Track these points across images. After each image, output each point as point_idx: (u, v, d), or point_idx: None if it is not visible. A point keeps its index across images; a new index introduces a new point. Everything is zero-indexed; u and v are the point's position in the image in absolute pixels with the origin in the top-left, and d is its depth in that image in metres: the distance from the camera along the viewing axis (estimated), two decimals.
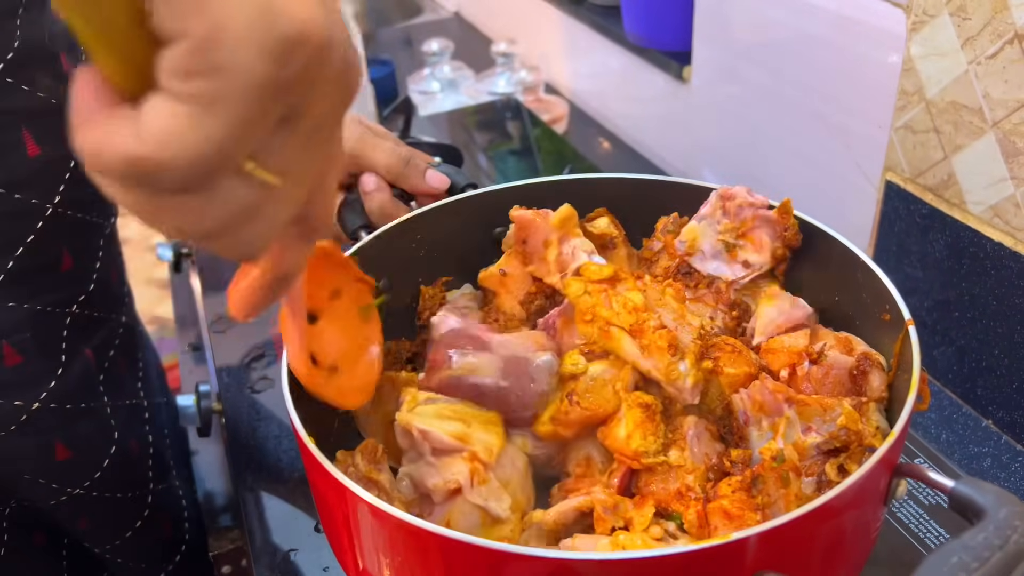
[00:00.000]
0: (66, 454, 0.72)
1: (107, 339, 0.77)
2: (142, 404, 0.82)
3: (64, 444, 0.72)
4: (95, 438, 0.75)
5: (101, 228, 0.74)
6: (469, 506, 0.51)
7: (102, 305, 0.75)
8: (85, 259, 0.73)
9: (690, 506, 0.50)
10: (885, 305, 0.56)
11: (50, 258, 0.69)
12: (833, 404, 0.51)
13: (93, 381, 0.74)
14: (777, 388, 0.53)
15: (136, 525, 0.81)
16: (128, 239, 3.10)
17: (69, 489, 0.74)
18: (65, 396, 0.71)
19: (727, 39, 1.03)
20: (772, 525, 0.42)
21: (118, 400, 0.77)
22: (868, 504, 0.48)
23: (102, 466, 0.75)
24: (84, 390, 0.73)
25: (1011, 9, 0.63)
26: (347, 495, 0.46)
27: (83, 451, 0.74)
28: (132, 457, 0.79)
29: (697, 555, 0.41)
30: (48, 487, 0.73)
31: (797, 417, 0.52)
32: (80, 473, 0.74)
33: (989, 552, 0.37)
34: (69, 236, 0.70)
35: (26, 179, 0.65)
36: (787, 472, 0.49)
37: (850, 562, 0.50)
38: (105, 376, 0.76)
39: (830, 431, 0.50)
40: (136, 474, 0.80)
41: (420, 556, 0.46)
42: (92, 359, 0.74)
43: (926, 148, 0.74)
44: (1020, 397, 0.71)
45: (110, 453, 0.76)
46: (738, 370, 0.55)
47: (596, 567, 0.42)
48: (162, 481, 0.84)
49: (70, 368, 0.71)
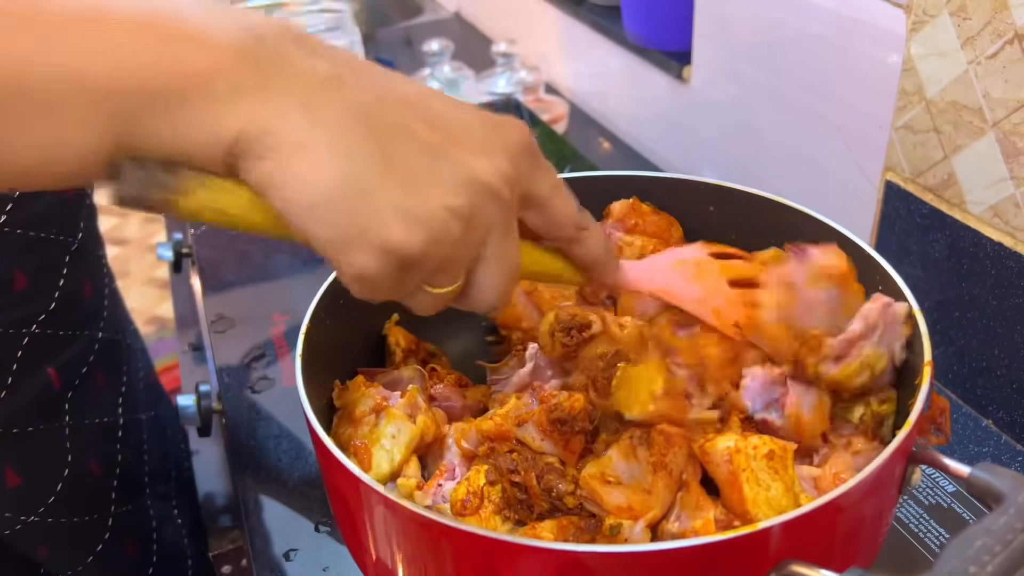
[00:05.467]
0: (16, 480, 0.70)
1: (80, 355, 0.74)
2: (116, 422, 0.79)
3: (14, 470, 0.69)
4: (49, 462, 0.72)
5: (65, 245, 0.72)
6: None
7: (68, 322, 0.73)
8: (44, 277, 0.70)
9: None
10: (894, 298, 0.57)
11: (1, 278, 0.66)
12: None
13: (54, 401, 0.72)
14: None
15: (97, 549, 0.77)
16: (128, 239, 3.10)
17: (23, 517, 0.71)
18: (16, 419, 0.68)
19: (727, 39, 1.03)
20: (794, 515, 0.42)
21: (85, 419, 0.74)
22: (884, 492, 0.49)
23: (56, 490, 0.72)
24: (38, 412, 0.71)
25: (1011, 9, 0.63)
26: (361, 487, 0.47)
27: (35, 476, 0.71)
28: (91, 479, 0.76)
29: (720, 546, 0.41)
30: (1, 516, 0.70)
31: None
32: (32, 499, 0.72)
33: (1012, 535, 0.38)
34: (21, 255, 0.68)
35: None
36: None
37: (867, 548, 0.51)
38: (75, 394, 0.73)
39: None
40: (96, 496, 0.77)
41: (432, 548, 0.46)
42: (56, 378, 0.72)
43: (926, 148, 0.74)
44: (1020, 397, 0.71)
45: (64, 476, 0.73)
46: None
47: (613, 560, 0.42)
48: (128, 502, 0.80)
49: (19, 389, 0.68)
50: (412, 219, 0.36)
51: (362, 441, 0.55)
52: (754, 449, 0.49)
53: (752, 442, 0.49)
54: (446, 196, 0.37)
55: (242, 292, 0.99)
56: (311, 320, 0.58)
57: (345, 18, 1.16)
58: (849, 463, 0.52)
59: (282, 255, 1.03)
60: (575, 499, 0.50)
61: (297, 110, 0.35)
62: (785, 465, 0.49)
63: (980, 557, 0.37)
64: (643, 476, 0.49)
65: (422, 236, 0.36)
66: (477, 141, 0.39)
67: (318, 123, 0.35)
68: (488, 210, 0.39)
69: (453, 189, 0.37)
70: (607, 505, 0.48)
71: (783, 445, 0.49)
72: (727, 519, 0.47)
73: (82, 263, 0.74)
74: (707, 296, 0.52)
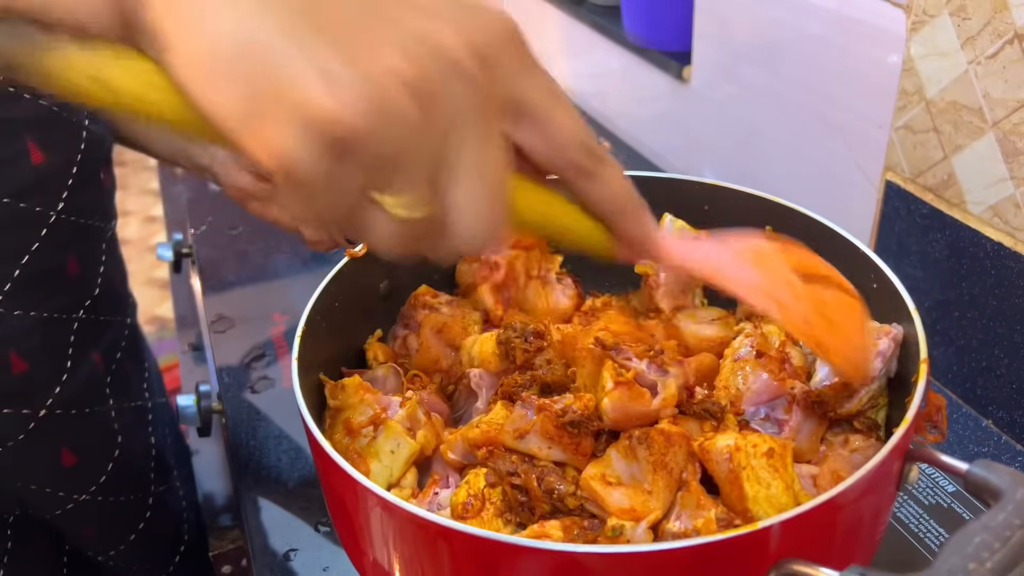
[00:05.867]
0: (72, 460, 0.73)
1: (114, 341, 0.77)
2: (146, 405, 0.82)
3: (70, 450, 0.72)
4: (100, 442, 0.75)
5: (103, 232, 0.74)
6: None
7: (108, 308, 0.76)
8: (90, 264, 0.73)
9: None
10: (890, 297, 0.57)
11: (56, 265, 0.69)
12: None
13: (100, 384, 0.75)
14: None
15: (140, 527, 0.81)
16: (128, 239, 3.11)
17: (76, 496, 0.74)
18: (71, 402, 0.71)
19: (727, 39, 1.03)
20: (793, 514, 0.42)
21: (123, 402, 0.77)
22: (883, 489, 0.49)
23: (107, 470, 0.76)
24: (90, 394, 0.74)
25: (1011, 9, 0.63)
26: (358, 489, 0.47)
27: (89, 456, 0.74)
28: (135, 459, 0.79)
29: (719, 545, 0.42)
30: (55, 495, 0.73)
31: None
32: (86, 478, 0.74)
33: (1010, 531, 0.38)
34: (73, 242, 0.70)
35: (30, 187, 0.65)
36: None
37: (866, 546, 0.52)
38: (112, 378, 0.76)
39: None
40: (139, 476, 0.80)
41: (429, 549, 0.46)
42: (100, 362, 0.75)
43: (926, 148, 0.74)
44: (1020, 397, 0.71)
45: (114, 456, 0.76)
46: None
47: (612, 560, 0.42)
48: (163, 482, 0.84)
49: (76, 373, 0.72)
50: (344, 82, 0.27)
51: (359, 454, 0.55)
52: (754, 447, 0.49)
53: (752, 440, 0.49)
54: (393, 57, 0.28)
55: (242, 292, 0.99)
56: (306, 323, 0.58)
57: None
58: (847, 461, 0.52)
59: (282, 255, 1.03)
60: (576, 500, 0.50)
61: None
62: (784, 463, 0.49)
63: (979, 554, 0.37)
64: (643, 476, 0.49)
65: (358, 105, 0.27)
66: (449, 14, 0.30)
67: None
68: (453, 89, 0.29)
69: (403, 52, 0.28)
70: (609, 507, 0.48)
71: (782, 443, 0.49)
72: (728, 518, 0.47)
73: (114, 252, 0.77)
74: (770, 285, 0.46)
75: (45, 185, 0.66)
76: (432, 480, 0.55)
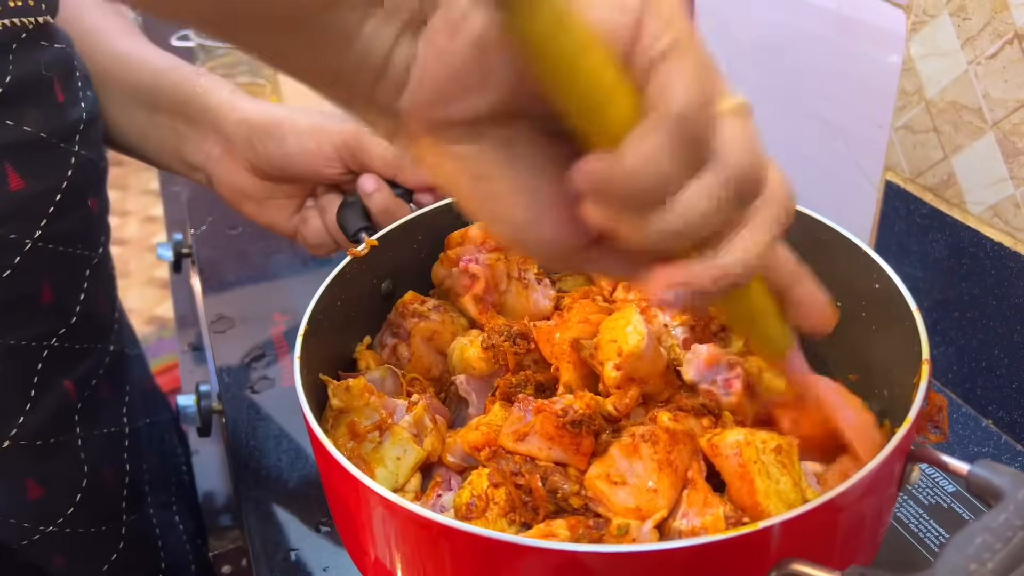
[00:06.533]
0: (39, 492, 0.69)
1: (91, 369, 0.74)
2: (123, 431, 0.79)
3: (36, 482, 0.69)
4: (68, 473, 0.72)
5: (87, 259, 0.71)
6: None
7: (87, 335, 0.73)
8: (68, 292, 0.70)
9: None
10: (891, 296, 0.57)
11: (28, 292, 0.66)
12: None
13: (69, 413, 0.71)
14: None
15: (112, 558, 0.77)
16: (128, 239, 3.11)
17: (42, 528, 0.71)
18: (37, 432, 0.68)
19: (727, 39, 1.03)
20: (795, 514, 0.42)
21: (95, 429, 0.74)
22: (884, 490, 0.49)
23: (75, 501, 0.72)
24: (58, 424, 0.70)
25: (1011, 9, 0.63)
26: (361, 489, 0.47)
27: (56, 487, 0.71)
28: (106, 488, 0.76)
29: (721, 545, 0.41)
30: (20, 526, 0.70)
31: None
32: (53, 510, 0.71)
33: (1012, 532, 0.38)
34: (50, 270, 0.67)
35: (8, 213, 0.62)
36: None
37: (867, 547, 0.52)
38: (84, 405, 0.73)
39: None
40: (109, 505, 0.77)
41: (431, 549, 0.46)
42: (72, 391, 0.71)
43: (926, 148, 0.74)
44: (1020, 397, 0.71)
45: (82, 487, 0.73)
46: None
47: (614, 560, 0.42)
48: (135, 511, 0.80)
49: (41, 403, 0.68)
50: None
51: (364, 459, 0.55)
52: (763, 443, 0.49)
53: (761, 436, 0.49)
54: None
55: (242, 292, 0.99)
56: (309, 323, 0.58)
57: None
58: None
59: (282, 255, 1.03)
60: (580, 499, 0.50)
61: None
62: (792, 460, 0.49)
63: (980, 554, 0.37)
64: (648, 474, 0.49)
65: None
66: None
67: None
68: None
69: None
70: (614, 507, 0.48)
71: (789, 440, 0.49)
72: (736, 515, 0.47)
73: (100, 278, 0.74)
74: (858, 423, 0.50)
75: (22, 212, 0.63)
76: (435, 483, 0.55)
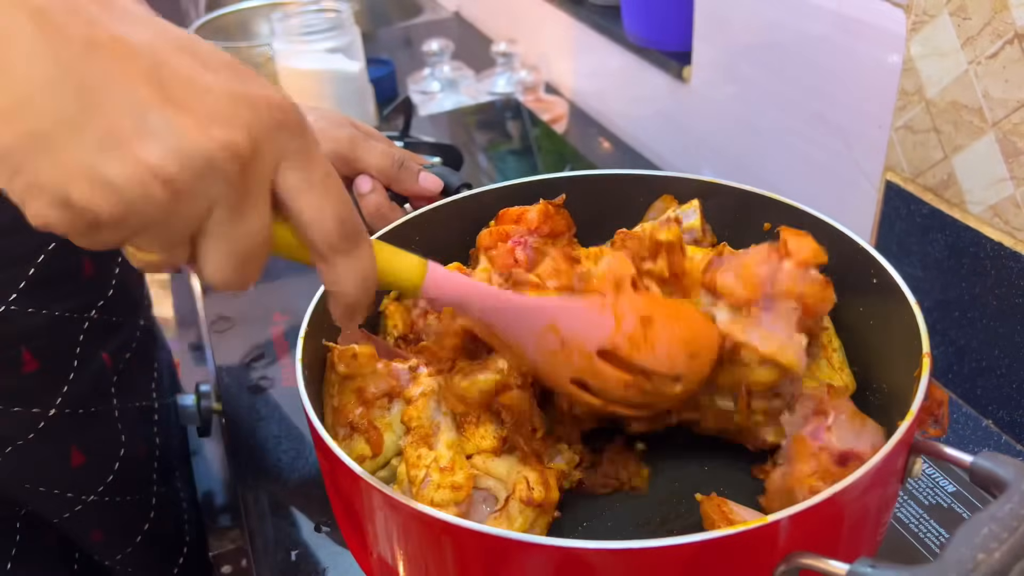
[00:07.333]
0: (81, 459, 0.73)
1: (125, 342, 0.78)
2: (152, 406, 0.82)
3: (80, 449, 0.73)
4: (106, 442, 0.76)
5: None
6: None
7: (121, 309, 0.76)
8: (105, 265, 0.74)
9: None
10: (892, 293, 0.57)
11: (71, 265, 0.70)
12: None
13: (107, 384, 0.75)
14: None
15: (144, 528, 0.81)
16: None
17: (84, 497, 0.75)
18: (80, 400, 0.72)
19: (727, 39, 1.03)
20: (801, 508, 0.43)
21: (129, 402, 0.78)
22: (888, 482, 0.49)
23: (113, 469, 0.76)
24: (97, 394, 0.74)
25: (1011, 9, 0.63)
26: (363, 486, 0.47)
27: (96, 456, 0.75)
28: (139, 459, 0.80)
29: (728, 540, 0.42)
30: (63, 497, 0.74)
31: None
32: (93, 478, 0.75)
33: (1017, 521, 0.38)
34: None
35: None
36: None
37: (871, 538, 0.52)
38: (119, 378, 0.77)
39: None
40: (142, 476, 0.81)
41: (433, 545, 0.46)
42: (108, 362, 0.75)
43: (926, 148, 0.74)
44: (1020, 397, 0.71)
45: (120, 456, 0.77)
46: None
47: (617, 557, 0.42)
48: (164, 483, 0.84)
49: (83, 373, 0.72)
50: (102, 182, 0.32)
51: (374, 423, 0.56)
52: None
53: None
54: (151, 158, 0.33)
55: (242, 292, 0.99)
56: (310, 323, 0.58)
57: (345, 18, 1.16)
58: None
59: None
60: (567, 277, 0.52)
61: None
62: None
63: (987, 544, 0.38)
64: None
65: (111, 200, 0.33)
66: (211, 108, 0.34)
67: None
68: (207, 187, 0.34)
69: (161, 155, 0.33)
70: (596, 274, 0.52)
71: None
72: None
73: None
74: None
75: None
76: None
